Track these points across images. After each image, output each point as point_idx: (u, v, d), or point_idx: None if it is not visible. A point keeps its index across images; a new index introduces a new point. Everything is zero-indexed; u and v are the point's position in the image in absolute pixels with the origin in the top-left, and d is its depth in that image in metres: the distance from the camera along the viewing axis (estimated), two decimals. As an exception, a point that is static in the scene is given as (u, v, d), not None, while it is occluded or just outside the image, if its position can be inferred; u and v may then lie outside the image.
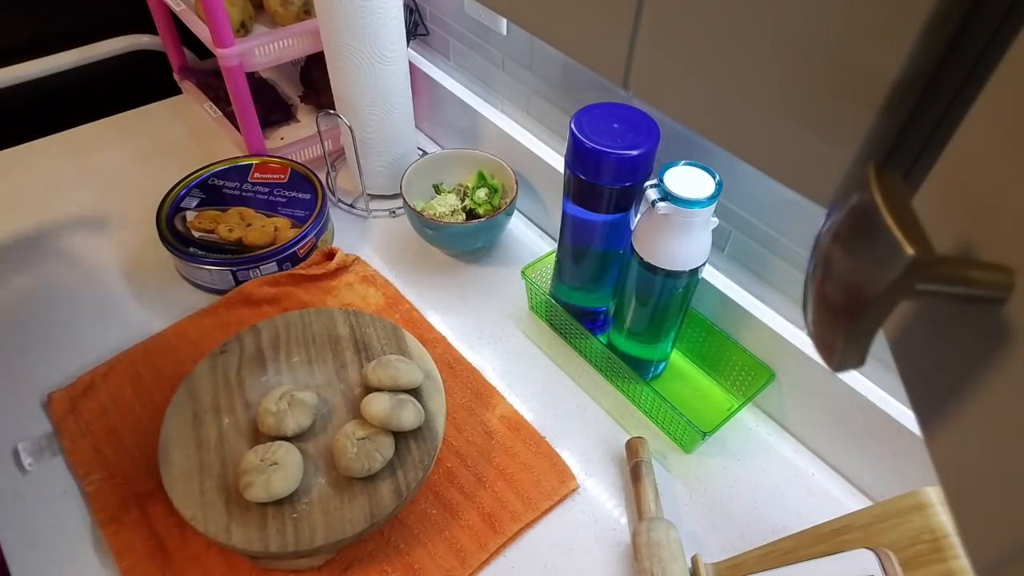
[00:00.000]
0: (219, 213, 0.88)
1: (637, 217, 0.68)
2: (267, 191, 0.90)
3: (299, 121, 1.09)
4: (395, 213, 0.97)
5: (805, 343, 0.67)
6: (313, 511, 0.62)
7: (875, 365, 0.63)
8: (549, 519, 0.67)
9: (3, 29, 1.10)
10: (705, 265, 0.65)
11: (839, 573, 0.50)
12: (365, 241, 0.93)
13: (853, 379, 0.64)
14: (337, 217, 0.96)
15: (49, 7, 1.13)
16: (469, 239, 0.87)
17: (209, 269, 0.82)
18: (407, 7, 0.95)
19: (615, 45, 0.31)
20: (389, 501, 0.61)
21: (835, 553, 0.51)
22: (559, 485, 0.68)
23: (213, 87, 1.12)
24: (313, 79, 1.10)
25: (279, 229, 0.86)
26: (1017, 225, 0.17)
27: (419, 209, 0.86)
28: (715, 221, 0.63)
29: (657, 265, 0.63)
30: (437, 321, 0.84)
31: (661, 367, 0.78)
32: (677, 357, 0.80)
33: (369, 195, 0.98)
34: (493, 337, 0.82)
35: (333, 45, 0.84)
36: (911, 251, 0.16)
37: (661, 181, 0.60)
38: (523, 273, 0.81)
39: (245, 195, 0.90)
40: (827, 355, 0.20)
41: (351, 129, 0.89)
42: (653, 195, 0.60)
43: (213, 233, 0.85)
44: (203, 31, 0.88)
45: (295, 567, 0.62)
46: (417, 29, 0.99)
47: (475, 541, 0.64)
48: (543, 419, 0.74)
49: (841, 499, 0.69)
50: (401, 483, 0.62)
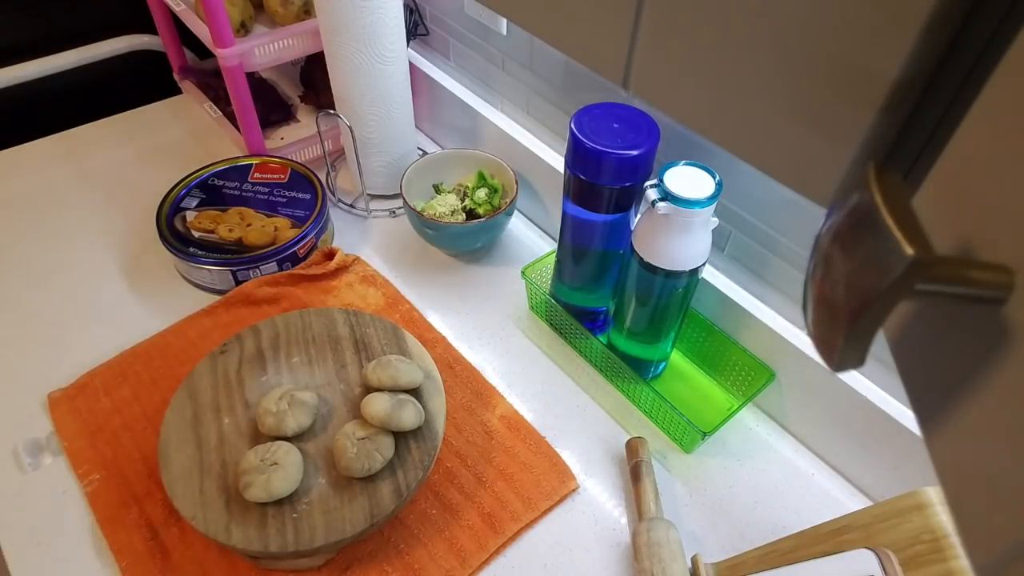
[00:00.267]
0: (219, 213, 0.88)
1: (637, 217, 0.68)
2: (267, 191, 0.90)
3: (299, 121, 1.09)
4: (395, 213, 0.97)
5: (805, 343, 0.67)
6: (313, 511, 0.62)
7: (875, 365, 0.63)
8: (549, 519, 0.67)
9: (3, 29, 1.10)
10: (705, 265, 0.65)
11: (839, 573, 0.50)
12: (365, 241, 0.93)
13: (853, 379, 0.64)
14: (337, 217, 0.96)
15: (49, 7, 1.13)
16: (469, 239, 0.87)
17: (209, 269, 0.82)
18: (407, 7, 0.95)
19: (615, 45, 0.31)
20: (389, 501, 0.61)
21: (835, 553, 0.51)
22: (559, 485, 0.68)
23: (213, 87, 1.12)
24: (313, 79, 1.10)
25: (279, 229, 0.86)
26: (1017, 225, 0.17)
27: (419, 209, 0.86)
28: (715, 221, 0.63)
29: (657, 265, 0.63)
30: (437, 321, 0.84)
31: (661, 367, 0.78)
32: (677, 357, 0.80)
33: (369, 195, 0.98)
34: (493, 337, 0.82)
35: (333, 45, 0.84)
36: (911, 251, 0.16)
37: (661, 181, 0.60)
38: (523, 273, 0.81)
39: (245, 195, 0.90)
40: (827, 355, 0.20)
41: (351, 129, 0.89)
42: (653, 195, 0.60)
43: (213, 233, 0.85)
44: (203, 31, 0.88)
45: (295, 567, 0.62)
46: (417, 29, 0.99)
47: (475, 541, 0.64)
48: (543, 419, 0.74)
49: (841, 499, 0.69)
50: (401, 483, 0.62)
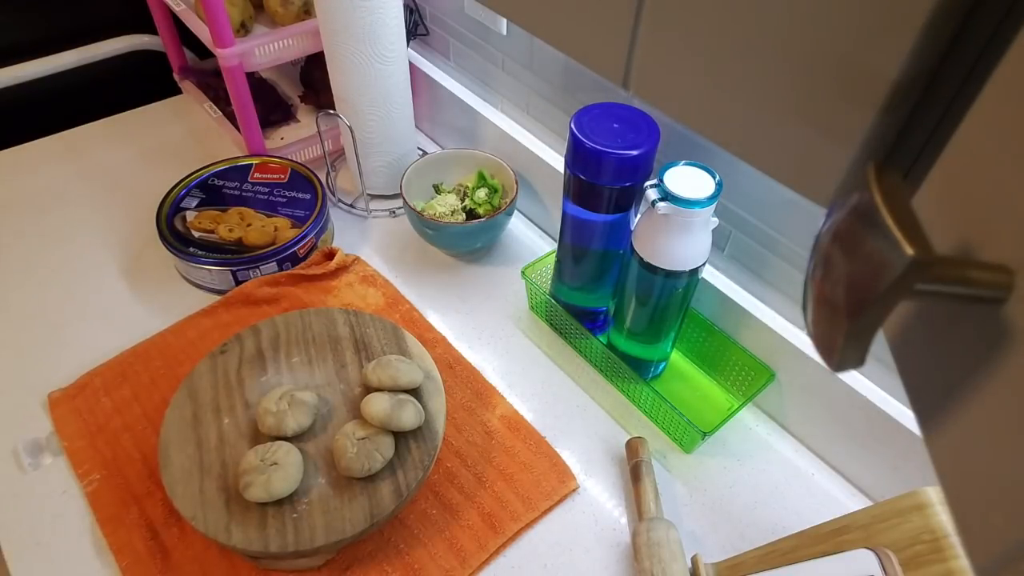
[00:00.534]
0: (219, 213, 0.88)
1: (637, 217, 0.68)
2: (267, 191, 0.90)
3: (299, 121, 1.09)
4: (395, 213, 0.97)
5: (805, 343, 0.67)
6: (313, 511, 0.62)
7: (875, 365, 0.63)
8: (549, 519, 0.67)
9: (3, 29, 1.10)
10: (705, 265, 0.65)
11: (839, 573, 0.50)
12: (365, 241, 0.93)
13: (853, 379, 0.64)
14: (337, 217, 0.96)
15: (49, 7, 1.13)
16: (469, 239, 0.87)
17: (209, 269, 0.82)
18: (407, 7, 0.95)
19: (615, 45, 0.31)
20: (389, 501, 0.61)
21: (835, 553, 0.51)
22: (559, 485, 0.68)
23: (213, 87, 1.12)
24: (313, 79, 1.10)
25: (279, 229, 0.86)
26: (1017, 225, 0.17)
27: (419, 209, 0.86)
28: (715, 221, 0.63)
29: (657, 265, 0.63)
30: (437, 321, 0.84)
31: (661, 367, 0.78)
32: (677, 357, 0.80)
33: (369, 195, 0.98)
34: (493, 337, 0.82)
35: (333, 45, 0.84)
36: (911, 251, 0.16)
37: (661, 181, 0.60)
38: (523, 273, 0.81)
39: (245, 195, 0.90)
40: (827, 355, 0.20)
41: (351, 129, 0.89)
42: (653, 195, 0.60)
43: (213, 233, 0.85)
44: (203, 31, 0.88)
45: (295, 567, 0.62)
46: (417, 29, 0.99)
47: (475, 541, 0.64)
48: (543, 419, 0.74)
49: (841, 499, 0.69)
50: (401, 483, 0.62)
